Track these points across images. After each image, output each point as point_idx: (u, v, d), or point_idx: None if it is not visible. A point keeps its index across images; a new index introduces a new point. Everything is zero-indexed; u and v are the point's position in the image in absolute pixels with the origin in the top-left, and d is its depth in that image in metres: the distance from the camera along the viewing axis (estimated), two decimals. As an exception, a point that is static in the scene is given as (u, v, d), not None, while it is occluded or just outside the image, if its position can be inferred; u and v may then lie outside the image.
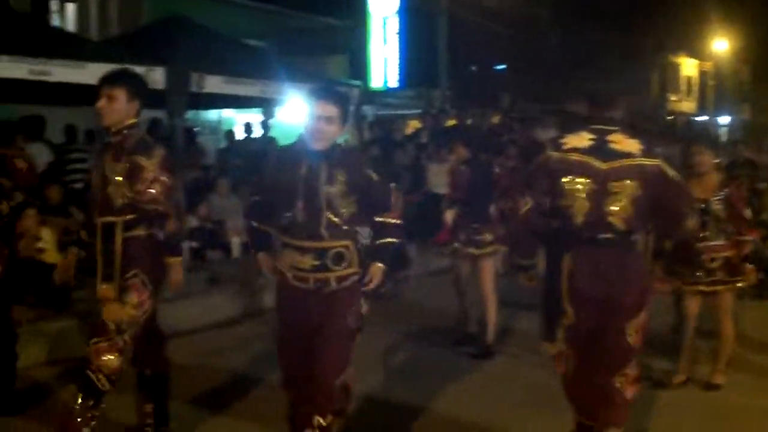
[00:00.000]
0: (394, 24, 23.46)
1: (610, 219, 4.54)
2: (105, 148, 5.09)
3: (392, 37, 23.48)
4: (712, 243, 6.74)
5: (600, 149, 4.58)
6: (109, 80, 5.05)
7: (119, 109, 4.99)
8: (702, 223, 6.56)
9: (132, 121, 5.05)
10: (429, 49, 24.75)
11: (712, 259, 6.74)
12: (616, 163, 4.54)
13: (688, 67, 48.35)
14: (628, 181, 4.51)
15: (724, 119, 44.47)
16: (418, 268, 11.72)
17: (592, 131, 4.68)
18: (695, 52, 46.87)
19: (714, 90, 45.62)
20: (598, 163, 4.55)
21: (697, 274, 6.68)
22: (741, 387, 6.95)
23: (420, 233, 11.96)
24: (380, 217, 4.86)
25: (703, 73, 47.46)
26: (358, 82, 21.59)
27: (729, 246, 6.79)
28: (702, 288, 6.84)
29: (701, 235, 6.52)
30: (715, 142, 11.62)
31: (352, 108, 17.72)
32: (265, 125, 14.86)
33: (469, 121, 17.00)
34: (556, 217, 4.70)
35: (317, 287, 4.65)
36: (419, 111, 20.53)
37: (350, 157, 4.85)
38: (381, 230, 4.89)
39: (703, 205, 6.56)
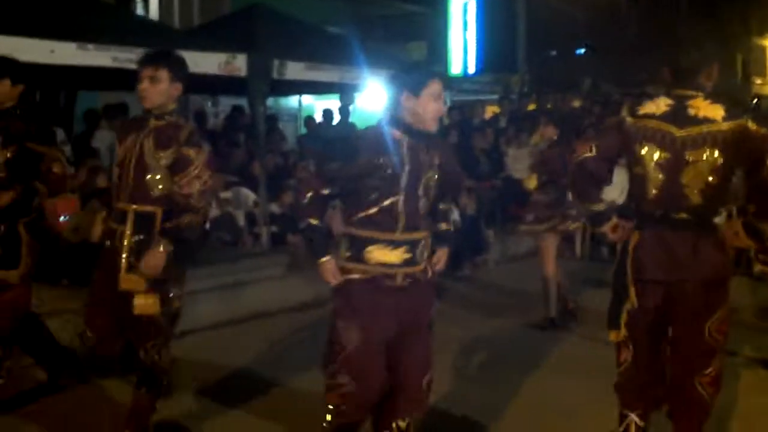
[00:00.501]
0: (473, 9, 23.41)
1: (686, 192, 4.11)
2: (137, 129, 4.75)
3: (471, 22, 23.44)
4: None
5: (677, 115, 4.16)
6: (151, 60, 4.76)
7: (162, 91, 4.71)
8: None
9: (173, 106, 4.80)
10: (508, 34, 24.65)
11: None
12: (694, 130, 4.11)
13: (775, 49, 47.24)
14: (708, 150, 4.08)
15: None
16: (496, 253, 11.76)
17: (671, 97, 4.25)
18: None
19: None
20: (673, 130, 4.13)
21: None
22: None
23: (499, 218, 12.00)
24: (445, 204, 4.71)
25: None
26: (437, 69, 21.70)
27: None
28: None
29: None
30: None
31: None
32: (344, 111, 14.97)
33: (549, 106, 16.92)
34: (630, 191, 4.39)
35: (406, 283, 4.35)
36: (497, 96, 20.50)
37: (441, 140, 4.73)
38: (445, 215, 4.77)
39: None
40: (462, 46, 23.37)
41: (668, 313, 4.24)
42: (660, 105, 4.23)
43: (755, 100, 27.75)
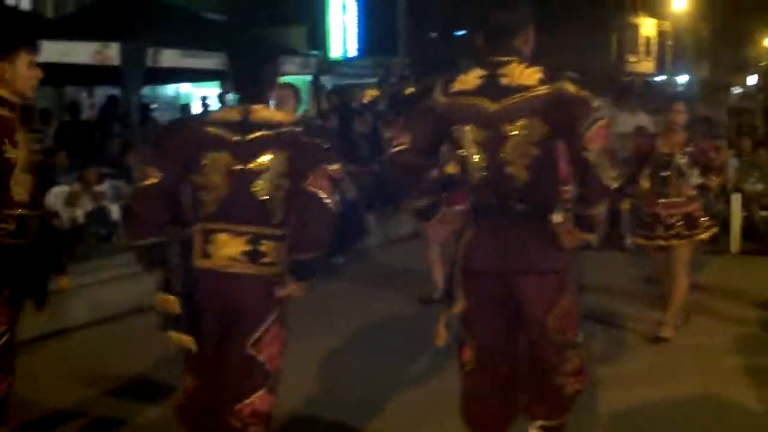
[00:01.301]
0: (353, -8, 23.45)
1: (512, 171, 3.69)
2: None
3: (351, 5, 23.45)
4: (673, 199, 7.08)
5: (490, 86, 3.73)
6: None
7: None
8: (663, 179, 7.08)
9: None
10: (388, 17, 24.73)
11: (672, 215, 7.07)
12: (509, 101, 3.67)
13: (647, 27, 48.57)
14: (526, 120, 3.64)
15: (683, 78, 44.77)
16: (378, 237, 11.85)
17: (484, 66, 3.80)
18: (654, 12, 47.09)
19: (672, 50, 45.89)
20: (487, 104, 3.71)
21: (659, 228, 7.09)
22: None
23: (379, 202, 12.07)
24: None
25: (661, 33, 47.71)
26: (316, 52, 21.66)
27: (687, 202, 7.10)
28: (661, 243, 7.16)
29: (662, 191, 7.07)
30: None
31: (310, 78, 17.89)
32: (222, 99, 14.83)
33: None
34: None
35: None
36: (377, 79, 20.58)
37: None
38: None
39: (667, 159, 7.01)
40: (342, 30, 23.35)
41: (509, 308, 3.87)
42: (471, 78, 3.80)
43: (628, 78, 28.54)
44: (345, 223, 10.67)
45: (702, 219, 7.18)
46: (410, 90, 17.13)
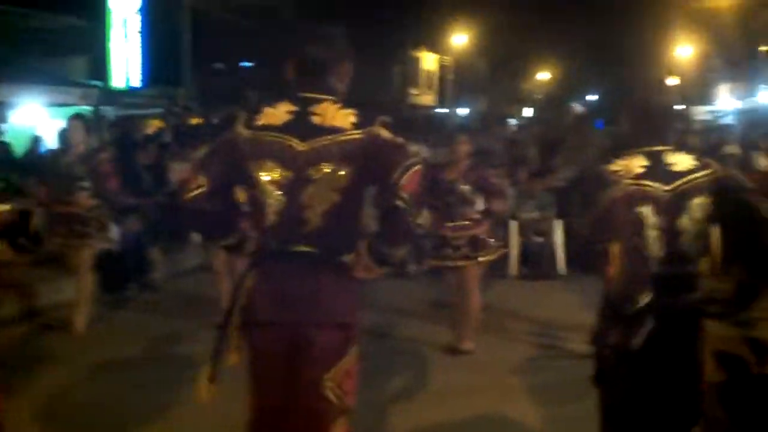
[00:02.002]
0: (134, 22, 22.96)
1: (307, 215, 3.46)
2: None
3: (133, 35, 22.98)
4: (459, 223, 7.66)
5: (299, 124, 3.51)
6: None
7: None
8: (449, 204, 7.65)
9: None
10: (172, 47, 24.40)
11: (458, 237, 7.64)
12: (318, 142, 3.47)
13: (428, 61, 50.06)
14: (333, 164, 3.45)
15: (463, 111, 46.35)
16: (164, 270, 11.62)
17: (294, 101, 3.60)
18: (435, 47, 48.57)
19: (453, 83, 47.46)
20: (295, 143, 3.48)
21: (447, 250, 7.67)
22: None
23: (164, 234, 11.85)
24: None
25: (442, 67, 49.27)
26: (98, 83, 21.11)
27: (473, 225, 7.68)
28: (450, 263, 7.74)
29: (449, 215, 7.63)
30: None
31: (90, 109, 17.42)
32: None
33: (215, 120, 16.93)
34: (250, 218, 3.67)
35: None
36: (161, 110, 20.26)
37: None
38: None
39: (452, 186, 7.60)
40: (124, 60, 22.84)
41: (292, 363, 3.55)
42: (280, 112, 3.56)
43: (411, 110, 29.30)
44: (128, 257, 10.47)
45: (490, 241, 7.79)
46: (196, 121, 17.01)
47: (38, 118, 17.01)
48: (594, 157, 14.32)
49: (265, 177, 3.50)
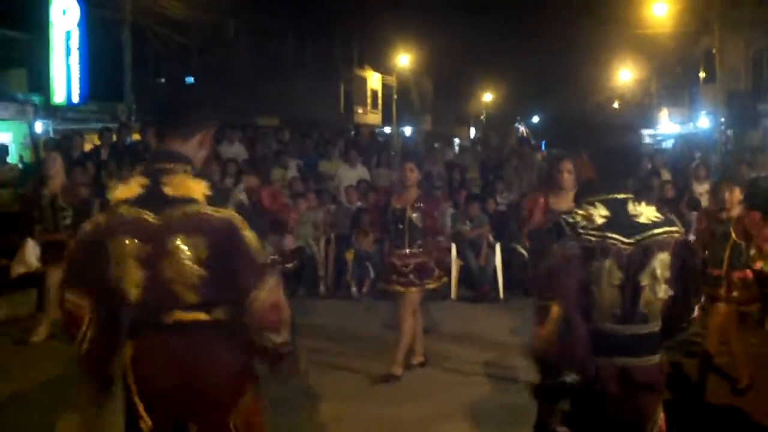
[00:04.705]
0: (76, 36, 22.69)
1: (174, 288, 3.37)
2: None
3: (75, 49, 22.70)
4: (407, 250, 7.67)
5: (151, 196, 3.41)
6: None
7: None
8: (397, 231, 7.68)
9: None
10: (114, 62, 24.13)
11: (406, 265, 7.65)
12: (170, 214, 3.37)
13: (373, 80, 50.19)
14: (183, 238, 3.36)
15: (408, 130, 46.56)
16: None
17: (147, 173, 3.49)
18: (380, 67, 48.71)
19: (398, 103, 47.64)
20: (149, 217, 3.38)
21: (394, 276, 7.71)
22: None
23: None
24: None
25: (387, 87, 49.44)
26: (36, 97, 20.83)
27: (422, 253, 7.68)
28: (396, 288, 7.74)
29: (399, 242, 7.66)
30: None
31: (26, 124, 17.15)
32: None
33: (152, 139, 16.68)
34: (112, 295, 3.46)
35: None
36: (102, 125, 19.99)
37: None
38: None
39: (413, 213, 7.58)
40: (65, 74, 22.55)
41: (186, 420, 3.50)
42: (133, 187, 3.45)
43: (355, 130, 29.34)
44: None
45: (433, 269, 7.78)
46: (135, 137, 16.76)
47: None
48: (536, 181, 14.50)
49: (125, 251, 3.38)
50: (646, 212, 3.63)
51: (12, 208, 11.46)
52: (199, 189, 3.41)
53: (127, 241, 3.36)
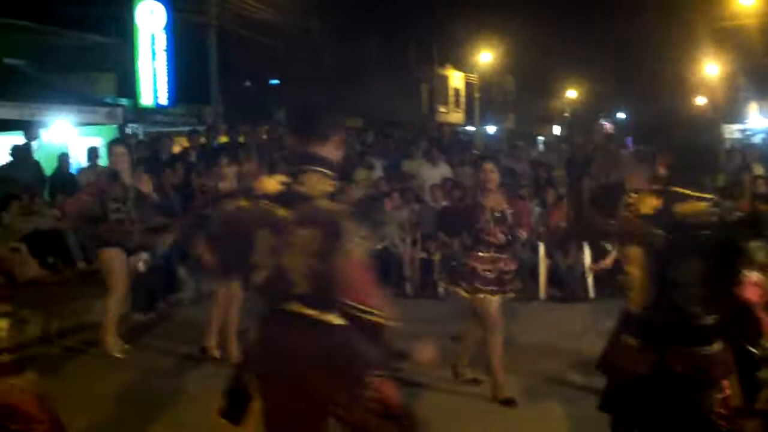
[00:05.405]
0: (162, 39, 23.06)
1: (292, 277, 3.73)
2: None
3: (161, 52, 23.08)
4: (487, 254, 7.20)
5: (286, 193, 3.81)
6: None
7: None
8: (480, 234, 7.21)
9: None
10: (200, 65, 24.49)
11: (489, 270, 7.18)
12: (296, 209, 3.75)
13: (455, 79, 50.06)
14: (305, 231, 3.71)
15: (491, 129, 46.31)
16: (191, 291, 11.61)
17: (289, 172, 3.91)
18: (461, 65, 48.55)
19: (480, 101, 47.38)
20: (280, 210, 3.78)
21: (473, 281, 7.17)
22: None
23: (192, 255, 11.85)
24: None
25: (469, 85, 49.23)
26: (125, 101, 21.24)
27: (501, 258, 7.24)
28: (477, 294, 7.23)
29: (481, 246, 7.20)
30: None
31: (116, 127, 17.51)
32: (26, 149, 14.10)
33: (241, 138, 16.92)
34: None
35: None
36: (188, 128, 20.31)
37: None
38: None
39: (498, 214, 7.17)
40: (152, 77, 22.95)
41: (304, 404, 3.81)
42: (275, 183, 3.86)
43: (439, 129, 29.26)
44: (156, 276, 10.48)
45: (514, 276, 7.41)
46: (224, 139, 17.01)
47: (68, 137, 17.11)
48: (623, 177, 14.30)
49: (262, 241, 3.77)
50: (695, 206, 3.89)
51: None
52: (323, 187, 3.80)
53: (265, 233, 3.76)
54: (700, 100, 51.66)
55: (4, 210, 11.40)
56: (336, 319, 3.73)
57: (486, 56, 46.86)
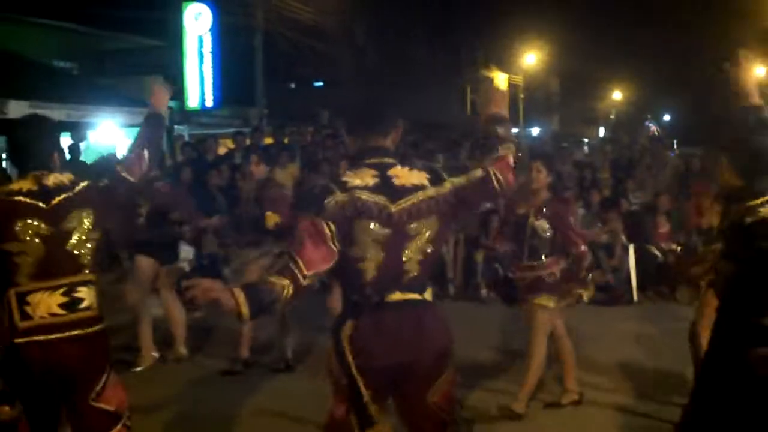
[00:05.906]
0: (209, 42, 23.28)
1: (407, 267, 3.77)
2: None
3: (207, 55, 23.30)
4: (528, 263, 6.77)
5: (386, 186, 3.79)
6: None
7: None
8: (520, 240, 6.79)
9: None
10: (245, 67, 24.70)
11: (522, 279, 6.82)
12: (408, 201, 3.77)
13: (500, 81, 49.69)
14: (425, 219, 3.79)
15: (535, 130, 46.09)
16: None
17: (370, 167, 3.86)
18: (505, 66, 48.33)
19: (524, 103, 47.16)
20: (387, 202, 3.74)
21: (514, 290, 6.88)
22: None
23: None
24: None
25: (513, 87, 49.01)
26: (172, 103, 21.43)
27: (555, 261, 6.73)
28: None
29: (520, 253, 6.79)
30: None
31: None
32: (74, 150, 14.38)
33: (286, 140, 17.01)
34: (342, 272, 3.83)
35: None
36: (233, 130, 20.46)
37: None
38: None
39: (531, 219, 6.69)
40: (199, 80, 23.17)
41: (392, 390, 3.90)
42: (365, 176, 3.80)
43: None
44: (203, 277, 10.53)
45: (559, 283, 6.75)
46: (268, 140, 17.10)
47: (116, 138, 17.31)
48: (669, 180, 14.17)
49: (364, 233, 3.74)
50: None
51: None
52: (422, 177, 3.86)
53: (370, 225, 3.74)
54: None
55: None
56: (429, 296, 3.88)
57: (531, 58, 46.62)
